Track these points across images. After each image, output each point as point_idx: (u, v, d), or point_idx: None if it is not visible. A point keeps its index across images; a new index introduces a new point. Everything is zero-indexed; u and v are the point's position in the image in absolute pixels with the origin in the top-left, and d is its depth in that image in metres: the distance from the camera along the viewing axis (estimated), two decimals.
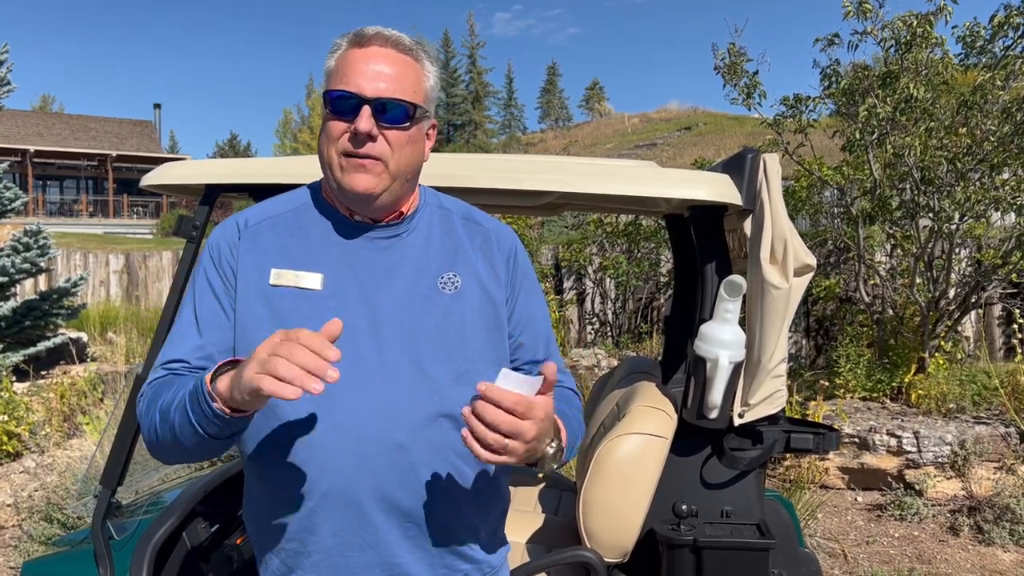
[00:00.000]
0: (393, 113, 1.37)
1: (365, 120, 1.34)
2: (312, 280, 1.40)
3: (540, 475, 1.30)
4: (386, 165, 1.38)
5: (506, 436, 1.17)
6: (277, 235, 1.46)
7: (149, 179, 2.33)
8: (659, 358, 3.25)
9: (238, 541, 2.62)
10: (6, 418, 5.81)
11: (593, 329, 10.50)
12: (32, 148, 35.93)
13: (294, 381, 1.08)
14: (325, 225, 1.46)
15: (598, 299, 10.59)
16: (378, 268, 1.43)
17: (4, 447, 5.76)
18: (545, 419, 1.23)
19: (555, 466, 1.34)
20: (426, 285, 1.44)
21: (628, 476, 2.21)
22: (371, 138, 1.36)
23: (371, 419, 1.35)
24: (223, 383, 1.19)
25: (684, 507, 2.29)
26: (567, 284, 10.71)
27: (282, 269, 1.41)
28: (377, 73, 1.36)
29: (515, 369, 1.51)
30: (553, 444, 1.31)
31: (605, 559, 2.21)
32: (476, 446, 1.18)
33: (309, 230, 1.46)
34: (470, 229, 1.54)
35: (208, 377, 1.21)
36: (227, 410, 1.19)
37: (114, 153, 39.18)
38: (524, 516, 2.67)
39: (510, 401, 1.17)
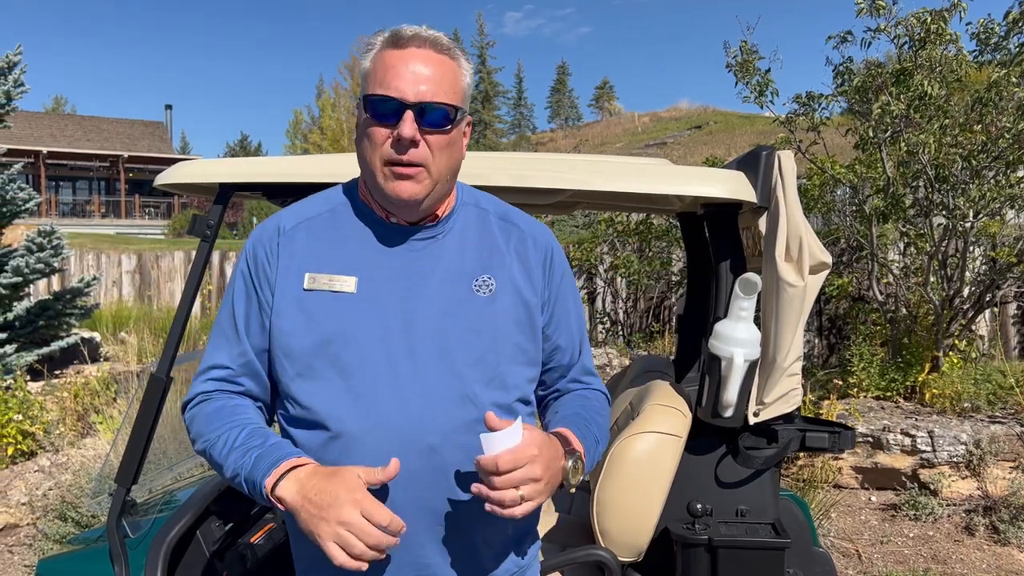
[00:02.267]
0: (434, 116, 1.36)
1: (408, 125, 1.34)
2: (346, 283, 1.41)
3: (571, 490, 1.35)
4: (428, 170, 1.38)
5: (517, 488, 1.24)
6: (313, 238, 1.46)
7: (163, 178, 2.34)
8: (672, 357, 3.24)
9: (252, 540, 2.62)
10: (21, 417, 5.84)
11: (604, 328, 10.48)
12: (45, 149, 36.17)
13: (363, 556, 1.23)
14: (361, 227, 1.47)
15: (609, 298, 10.57)
16: (413, 271, 1.43)
17: (19, 446, 5.79)
18: (540, 450, 1.27)
19: (581, 477, 1.37)
20: (461, 288, 1.44)
21: (642, 475, 2.20)
22: (414, 144, 1.35)
23: (404, 421, 1.36)
24: (289, 494, 1.28)
25: (699, 506, 2.28)
26: (578, 283, 10.70)
27: (316, 273, 1.42)
28: (417, 76, 1.35)
29: (548, 370, 1.58)
30: (569, 459, 1.34)
31: (619, 558, 2.21)
32: (503, 512, 1.25)
33: (344, 232, 1.46)
34: (506, 230, 1.53)
35: (269, 484, 1.30)
36: (283, 508, 1.30)
37: (126, 154, 39.41)
38: None
39: (504, 463, 1.23)
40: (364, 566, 1.23)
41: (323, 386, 1.38)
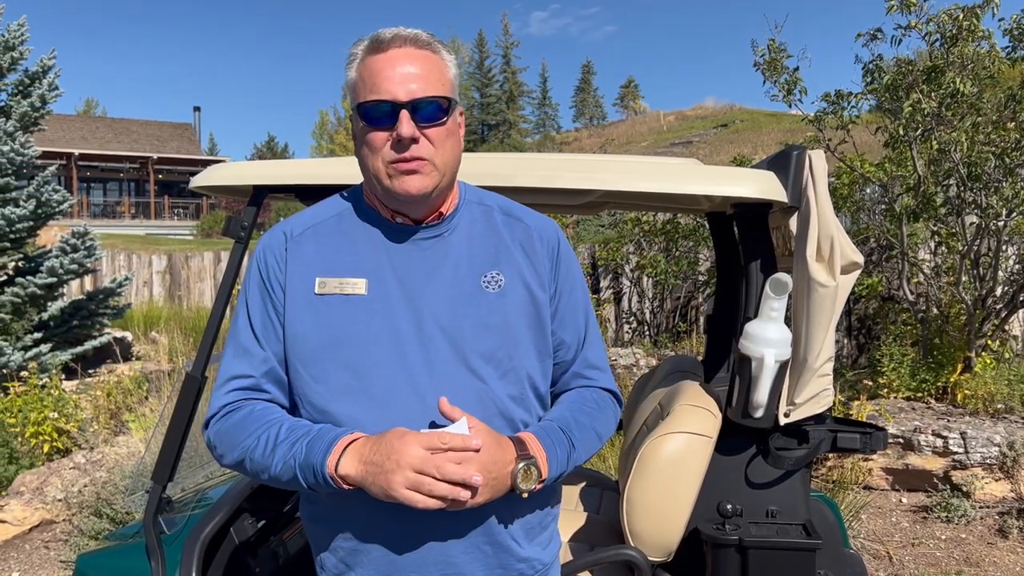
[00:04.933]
0: (429, 111, 1.37)
1: (406, 125, 1.35)
2: (356, 286, 1.42)
3: (523, 495, 1.35)
4: (433, 164, 1.39)
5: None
6: (321, 243, 1.47)
7: (198, 180, 2.37)
8: (700, 357, 3.23)
9: (284, 537, 2.66)
10: (56, 415, 5.95)
11: (630, 328, 10.46)
12: (77, 151, 36.72)
13: (447, 496, 1.24)
14: (367, 229, 1.48)
15: (635, 298, 10.54)
16: (421, 269, 1.44)
17: (55, 443, 5.90)
18: (482, 451, 1.28)
19: (534, 484, 1.37)
20: (469, 284, 1.45)
21: (672, 475, 2.20)
22: (414, 141, 1.36)
23: (422, 419, 1.37)
24: (351, 467, 1.28)
25: (729, 507, 2.27)
26: (604, 283, 10.68)
27: (326, 277, 1.43)
28: (405, 75, 1.36)
29: (554, 365, 1.57)
30: (521, 463, 1.34)
31: (649, 558, 2.21)
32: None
33: (352, 235, 1.48)
34: (511, 225, 1.53)
35: (332, 463, 1.29)
36: (346, 487, 1.31)
37: (155, 155, 39.90)
38: (566, 515, 2.67)
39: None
40: (442, 504, 1.25)
41: (339, 389, 1.39)
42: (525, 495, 1.36)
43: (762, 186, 2.17)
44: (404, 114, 1.35)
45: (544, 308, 1.50)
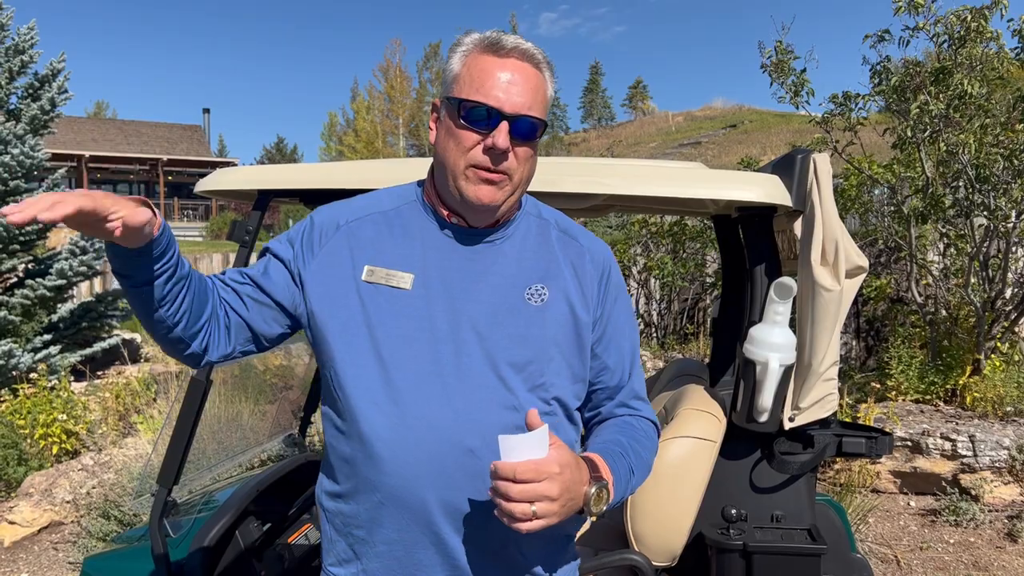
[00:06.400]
0: (525, 128, 1.38)
1: (503, 137, 1.35)
2: (402, 280, 1.43)
3: (591, 518, 1.32)
4: (510, 179, 1.40)
5: (531, 502, 1.21)
6: (376, 232, 1.48)
7: (204, 185, 2.38)
8: (706, 360, 3.22)
9: (289, 540, 2.67)
10: (65, 417, 5.98)
11: (637, 330, 10.44)
12: (87, 153, 36.94)
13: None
14: (423, 226, 1.48)
15: (643, 300, 10.53)
16: (468, 273, 1.44)
17: (63, 445, 5.92)
18: (562, 470, 1.24)
19: (605, 507, 1.34)
20: (513, 295, 1.44)
21: (677, 479, 2.20)
22: (505, 155, 1.37)
23: (444, 421, 1.36)
24: None
25: (733, 511, 2.27)
26: None
27: (375, 266, 1.44)
28: (516, 89, 1.37)
29: (596, 390, 1.54)
30: (594, 486, 1.31)
31: (653, 563, 2.21)
32: (510, 524, 1.23)
33: (407, 229, 1.48)
34: (565, 243, 1.53)
35: None
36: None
37: (165, 157, 40.07)
38: None
39: (522, 473, 1.21)
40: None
41: (367, 380, 1.39)
42: (594, 518, 1.34)
43: (766, 190, 2.17)
44: (504, 125, 1.35)
45: (585, 329, 1.48)
